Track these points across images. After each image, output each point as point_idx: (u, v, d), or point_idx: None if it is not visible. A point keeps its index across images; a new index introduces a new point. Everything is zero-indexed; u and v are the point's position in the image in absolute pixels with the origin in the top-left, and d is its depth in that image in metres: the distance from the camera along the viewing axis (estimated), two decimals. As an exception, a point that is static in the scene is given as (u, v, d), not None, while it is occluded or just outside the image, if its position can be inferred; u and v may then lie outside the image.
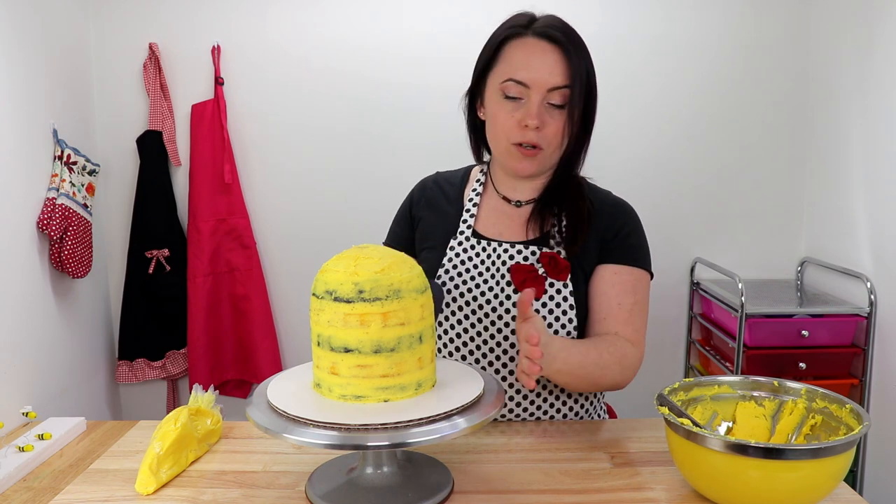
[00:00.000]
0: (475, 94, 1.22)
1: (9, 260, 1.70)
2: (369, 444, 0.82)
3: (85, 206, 2.00)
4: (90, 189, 2.05)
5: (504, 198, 1.24)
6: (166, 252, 2.28)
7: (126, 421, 1.29)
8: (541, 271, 1.16)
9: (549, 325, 1.16)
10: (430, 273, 1.21)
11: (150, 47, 2.23)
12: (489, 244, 1.20)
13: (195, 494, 1.00)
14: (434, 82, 2.29)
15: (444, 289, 1.19)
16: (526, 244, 1.19)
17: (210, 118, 2.27)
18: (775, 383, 1.05)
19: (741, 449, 0.85)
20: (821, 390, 1.01)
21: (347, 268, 0.90)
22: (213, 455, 1.13)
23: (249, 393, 1.01)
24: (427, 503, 0.94)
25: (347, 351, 0.89)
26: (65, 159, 1.94)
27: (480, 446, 1.14)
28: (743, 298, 2.01)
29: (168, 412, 2.40)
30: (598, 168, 2.37)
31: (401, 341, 0.89)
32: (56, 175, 1.92)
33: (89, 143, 2.21)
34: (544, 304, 1.16)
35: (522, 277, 1.15)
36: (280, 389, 0.96)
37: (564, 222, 1.19)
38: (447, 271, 1.20)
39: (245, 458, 1.11)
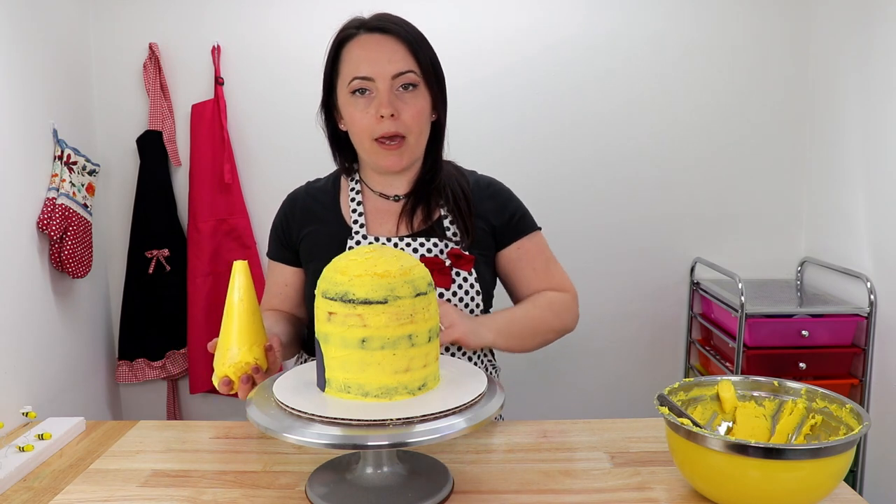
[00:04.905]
0: (329, 108, 1.25)
1: (9, 260, 1.70)
2: (369, 443, 0.82)
3: (85, 206, 2.00)
4: (90, 189, 2.05)
5: (382, 195, 1.27)
6: (166, 252, 2.28)
7: (126, 421, 1.29)
8: (447, 263, 1.22)
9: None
10: None
11: (150, 47, 2.23)
12: (388, 241, 1.23)
13: (195, 494, 1.00)
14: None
15: None
16: (425, 237, 1.23)
17: (210, 118, 2.27)
18: (775, 383, 1.05)
19: (741, 449, 0.85)
20: (821, 390, 1.01)
21: (353, 268, 0.90)
22: (213, 455, 1.13)
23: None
24: (427, 503, 0.94)
25: (351, 350, 0.89)
26: (65, 159, 1.94)
27: (480, 446, 1.14)
28: (743, 298, 2.01)
29: (168, 412, 2.42)
30: (598, 167, 2.38)
31: (406, 341, 0.89)
32: (56, 175, 1.92)
33: (89, 143, 2.21)
34: (455, 293, 1.22)
35: (431, 269, 1.19)
36: (282, 387, 0.96)
37: (445, 210, 1.25)
38: None
39: (245, 458, 1.12)
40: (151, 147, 2.26)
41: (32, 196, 1.84)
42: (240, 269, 1.02)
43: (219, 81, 2.27)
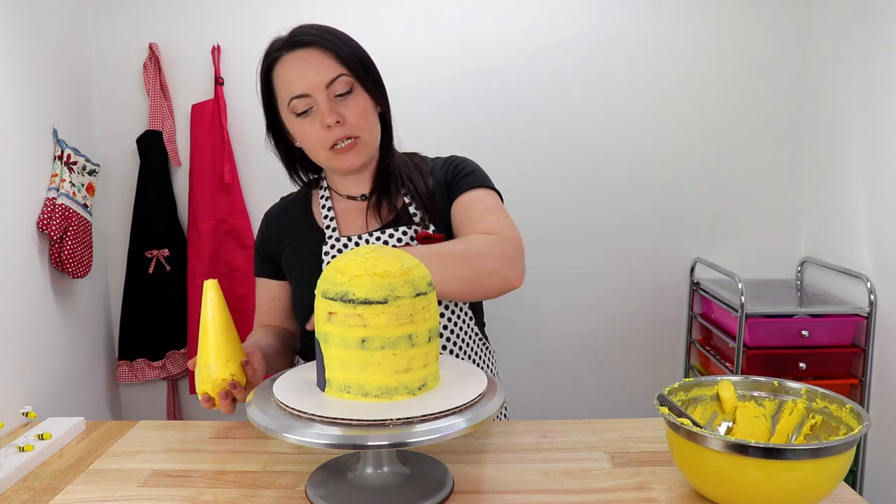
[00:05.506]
0: (277, 131, 1.28)
1: (9, 260, 1.70)
2: (369, 443, 0.82)
3: (85, 206, 2.00)
4: (90, 189, 2.05)
5: (349, 197, 1.30)
6: (166, 252, 2.28)
7: (126, 421, 1.29)
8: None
9: None
10: (312, 284, 1.12)
11: (150, 47, 2.23)
12: (360, 238, 1.24)
13: (195, 494, 1.00)
14: (434, 82, 2.28)
15: None
16: (394, 227, 1.24)
17: (210, 118, 2.27)
18: (775, 383, 1.05)
19: (741, 449, 0.85)
20: (821, 390, 1.01)
21: (353, 268, 0.90)
22: (213, 455, 1.13)
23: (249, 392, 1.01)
24: (427, 503, 0.94)
25: (351, 350, 0.89)
26: (65, 159, 1.94)
27: (480, 446, 1.14)
28: (743, 298, 2.01)
29: (168, 412, 2.42)
30: (598, 167, 2.38)
31: (406, 341, 0.89)
32: (56, 175, 1.92)
33: (89, 143, 2.21)
34: None
35: None
36: (282, 387, 0.97)
37: (408, 198, 1.26)
38: None
39: (245, 458, 1.12)
40: (151, 147, 2.26)
41: (32, 196, 1.84)
42: (210, 288, 1.07)
43: (219, 81, 2.27)
